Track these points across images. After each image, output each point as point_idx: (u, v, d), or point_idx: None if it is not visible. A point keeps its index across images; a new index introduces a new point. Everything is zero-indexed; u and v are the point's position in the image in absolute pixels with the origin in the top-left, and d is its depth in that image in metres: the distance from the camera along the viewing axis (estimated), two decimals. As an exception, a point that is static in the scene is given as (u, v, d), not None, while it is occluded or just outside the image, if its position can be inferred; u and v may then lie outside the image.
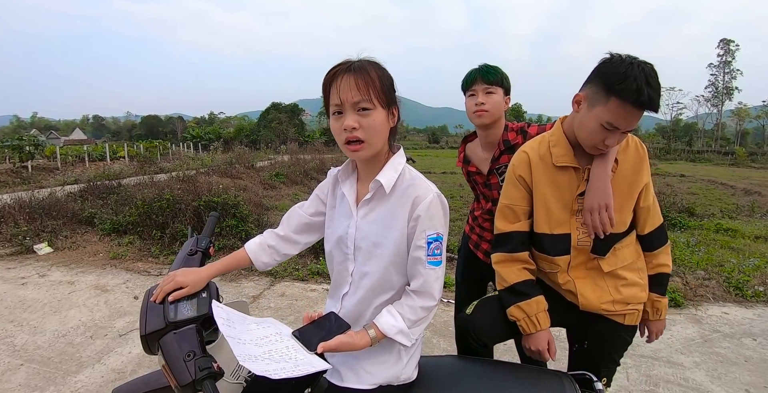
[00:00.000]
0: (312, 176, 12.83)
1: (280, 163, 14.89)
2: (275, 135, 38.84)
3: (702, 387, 2.41)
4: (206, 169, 11.79)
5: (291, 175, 12.15)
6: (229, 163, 12.53)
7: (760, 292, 3.74)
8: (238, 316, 1.06)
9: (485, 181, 1.73)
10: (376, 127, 0.99)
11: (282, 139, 32.78)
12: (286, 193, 10.10)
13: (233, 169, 11.56)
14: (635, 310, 1.32)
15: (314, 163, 14.63)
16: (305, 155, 16.43)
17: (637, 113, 1.12)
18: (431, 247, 1.02)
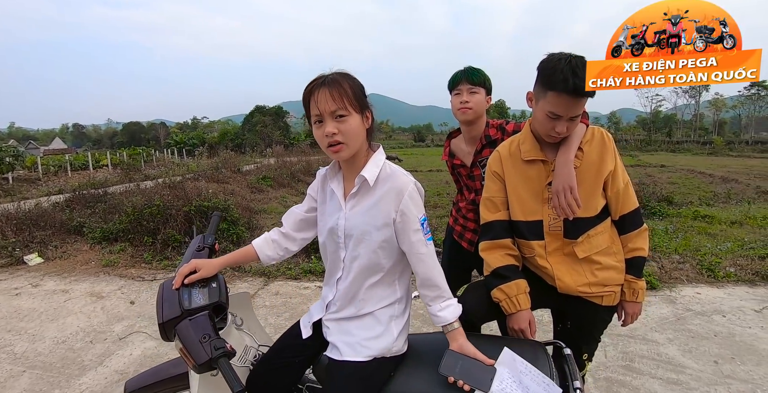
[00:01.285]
0: (299, 178, 12.89)
1: (267, 166, 14.91)
2: (260, 138, 38.67)
3: (674, 360, 2.59)
4: (193, 174, 11.77)
5: (278, 178, 12.19)
6: (215, 168, 12.52)
7: (731, 273, 3.97)
8: None
9: (469, 173, 1.89)
10: (352, 130, 1.14)
11: (267, 143, 32.67)
12: (274, 196, 10.14)
13: (220, 174, 11.56)
14: (612, 292, 1.44)
15: (301, 165, 14.69)
16: (291, 158, 16.48)
17: (571, 101, 1.29)
18: (424, 226, 1.20)
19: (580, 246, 1.42)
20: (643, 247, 1.46)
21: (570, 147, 1.40)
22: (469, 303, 1.46)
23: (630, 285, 1.46)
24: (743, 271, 3.98)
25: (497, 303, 1.45)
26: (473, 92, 1.79)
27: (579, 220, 1.40)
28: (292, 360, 1.32)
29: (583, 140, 1.42)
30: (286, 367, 1.33)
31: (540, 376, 1.16)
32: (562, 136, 1.38)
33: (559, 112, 1.32)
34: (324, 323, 1.33)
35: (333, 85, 1.13)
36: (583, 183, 1.40)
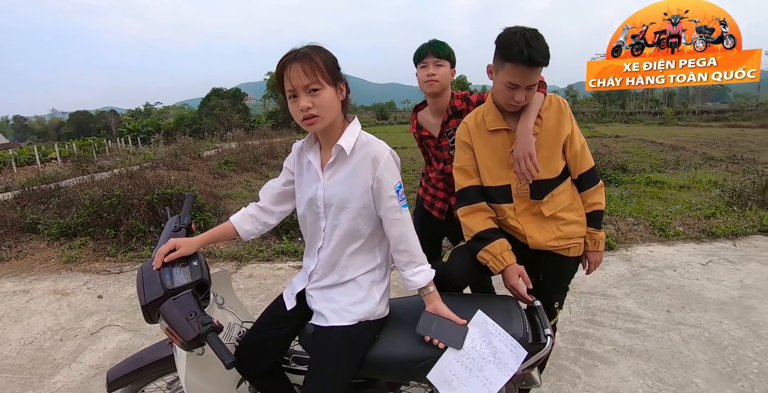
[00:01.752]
0: (262, 162, 12.57)
1: (228, 150, 14.45)
2: (219, 122, 37.30)
3: (631, 312, 2.82)
4: (151, 163, 11.29)
5: (241, 162, 11.84)
6: (174, 155, 12.04)
7: (680, 231, 4.27)
8: None
9: (437, 143, 1.95)
10: (326, 103, 1.16)
11: (227, 127, 31.58)
12: (238, 181, 9.91)
13: (179, 161, 11.13)
14: (577, 243, 1.58)
15: (263, 148, 14.31)
16: (253, 141, 16.00)
17: (527, 70, 1.37)
18: (399, 193, 1.24)
19: (546, 205, 1.53)
20: (600, 201, 1.58)
21: (529, 116, 1.49)
22: (455, 267, 1.55)
23: (591, 236, 1.60)
24: (691, 230, 4.30)
25: (482, 265, 1.54)
26: (439, 65, 1.83)
27: (543, 181, 1.51)
28: (278, 331, 1.36)
29: (542, 108, 1.51)
30: (273, 339, 1.36)
31: (508, 338, 1.24)
32: (521, 105, 1.46)
33: (516, 82, 1.40)
34: (307, 292, 1.36)
35: (305, 60, 1.13)
36: (544, 147, 1.50)
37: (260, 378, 1.40)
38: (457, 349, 1.22)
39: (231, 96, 49.61)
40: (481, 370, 1.20)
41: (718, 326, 2.61)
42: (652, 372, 2.22)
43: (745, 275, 3.30)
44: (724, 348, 2.40)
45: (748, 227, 4.28)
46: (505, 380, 1.18)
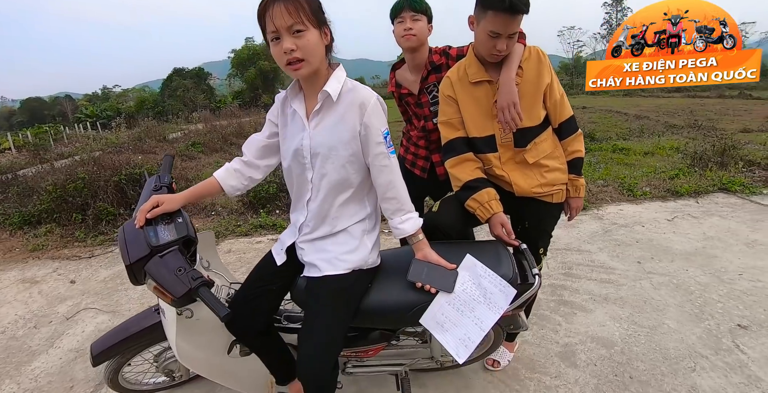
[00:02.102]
0: (232, 142, 12.22)
1: (195, 132, 13.99)
2: (183, 104, 35.84)
3: (605, 264, 2.95)
4: (113, 147, 10.82)
5: (209, 143, 11.50)
6: (138, 139, 11.57)
7: (647, 191, 4.45)
8: None
9: (417, 100, 1.92)
10: (311, 46, 1.10)
11: (191, 108, 30.40)
12: (207, 163, 9.62)
13: (144, 145, 10.72)
14: (559, 190, 1.63)
15: (232, 128, 13.91)
16: (221, 121, 15.52)
17: (508, 18, 1.37)
18: (387, 140, 1.22)
19: (529, 153, 1.57)
20: (580, 149, 1.63)
21: (511, 66, 1.50)
22: (444, 216, 1.58)
23: (573, 183, 1.65)
24: (656, 190, 4.49)
25: (470, 213, 1.56)
26: (416, 19, 1.79)
27: (526, 129, 1.53)
28: (269, 288, 1.34)
29: (522, 59, 1.52)
30: (265, 296, 1.35)
31: (497, 279, 1.28)
32: (503, 55, 1.47)
33: (498, 30, 1.40)
34: (298, 245, 1.34)
35: (288, 0, 1.07)
36: (525, 96, 1.52)
37: (254, 338, 1.39)
38: (448, 293, 1.24)
39: (194, 76, 47.51)
40: (472, 311, 1.23)
41: (685, 274, 2.77)
42: (627, 316, 2.35)
43: (707, 228, 3.49)
44: (691, 292, 2.55)
45: (709, 186, 4.50)
46: (495, 318, 1.21)
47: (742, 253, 3.01)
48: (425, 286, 1.24)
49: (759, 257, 2.93)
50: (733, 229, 3.45)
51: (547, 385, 1.91)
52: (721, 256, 2.99)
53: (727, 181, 4.55)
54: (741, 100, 22.99)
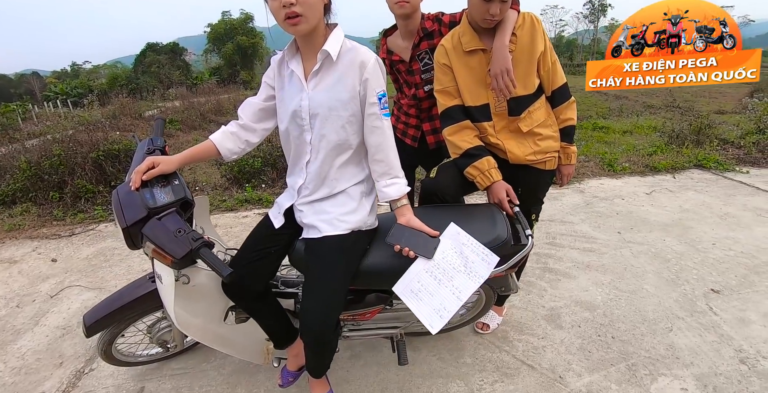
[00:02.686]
0: (210, 119, 11.92)
1: (172, 109, 13.59)
2: (158, 81, 34.53)
3: (587, 234, 3.05)
4: (87, 126, 10.43)
5: (187, 120, 11.20)
6: (113, 117, 11.18)
7: (626, 166, 4.57)
8: None
9: (408, 68, 1.90)
10: (311, 1, 1.08)
11: (167, 85, 29.36)
12: (186, 140, 9.40)
13: (119, 122, 10.37)
14: (552, 157, 1.65)
15: (210, 105, 13.55)
16: (198, 98, 15.08)
17: None
18: (381, 101, 1.20)
19: (523, 121, 1.58)
20: (572, 117, 1.65)
21: (504, 33, 1.49)
22: (443, 182, 1.60)
23: (564, 150, 1.68)
24: (635, 165, 4.61)
25: (468, 180, 1.58)
26: None
27: (520, 98, 1.54)
28: (267, 251, 1.34)
29: (516, 26, 1.51)
30: (263, 260, 1.35)
31: (480, 247, 1.25)
32: (496, 19, 1.45)
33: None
34: (297, 208, 1.34)
35: None
36: (520, 64, 1.52)
37: (252, 302, 1.40)
38: (427, 260, 1.22)
39: (169, 51, 45.57)
40: (451, 280, 1.20)
41: (663, 243, 2.88)
42: (609, 282, 2.45)
43: (683, 202, 3.62)
44: (668, 260, 2.67)
45: (686, 162, 4.65)
46: (474, 287, 1.19)
47: (715, 224, 3.15)
48: (404, 250, 1.22)
49: (731, 228, 3.07)
50: (708, 202, 3.59)
51: (535, 345, 1.99)
52: (696, 227, 3.12)
53: (702, 158, 4.70)
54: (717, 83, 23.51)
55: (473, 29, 1.55)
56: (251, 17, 48.02)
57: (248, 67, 46.42)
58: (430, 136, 1.97)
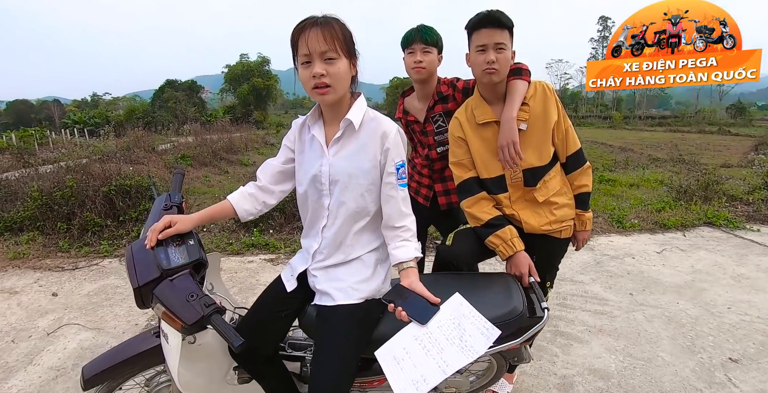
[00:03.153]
0: (221, 156, 12.13)
1: (185, 144, 13.83)
2: (174, 115, 35.63)
3: (599, 295, 2.98)
4: (100, 156, 10.64)
5: (198, 156, 11.36)
6: (126, 149, 11.40)
7: (635, 223, 4.55)
8: None
9: (422, 128, 1.95)
10: (340, 74, 1.12)
11: (182, 120, 30.23)
12: (196, 176, 9.52)
13: (133, 155, 10.55)
14: (568, 226, 1.63)
15: (222, 143, 13.82)
16: (211, 135, 15.43)
17: (489, 31, 1.43)
18: (399, 172, 1.22)
19: (539, 191, 1.57)
20: (587, 183, 1.64)
21: (513, 105, 1.51)
22: (459, 250, 1.57)
23: (579, 218, 1.66)
24: (645, 222, 4.60)
25: (487, 249, 1.56)
26: (426, 52, 1.82)
27: (535, 169, 1.54)
28: (278, 315, 1.31)
29: (527, 96, 1.53)
30: (273, 323, 1.31)
31: (482, 320, 1.17)
32: (496, 68, 1.46)
33: (483, 42, 1.44)
34: (311, 272, 1.32)
35: (326, 26, 1.10)
36: (534, 134, 1.53)
37: (259, 365, 1.35)
38: (420, 326, 1.14)
39: (187, 88, 47.40)
40: (441, 352, 1.11)
41: (676, 306, 2.81)
42: (622, 348, 2.36)
43: (695, 262, 3.57)
44: (682, 325, 2.59)
45: (695, 220, 4.63)
46: (465, 363, 1.10)
47: (729, 286, 3.08)
48: (397, 310, 1.15)
49: (745, 291, 3.00)
50: (720, 262, 3.53)
51: (546, 417, 1.90)
52: (709, 289, 3.05)
53: (711, 215, 4.69)
54: (720, 136, 23.90)
55: (485, 101, 1.58)
56: (268, 61, 50.30)
57: (261, 107, 47.99)
58: (442, 197, 1.98)
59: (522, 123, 1.52)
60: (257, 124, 38.21)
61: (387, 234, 1.27)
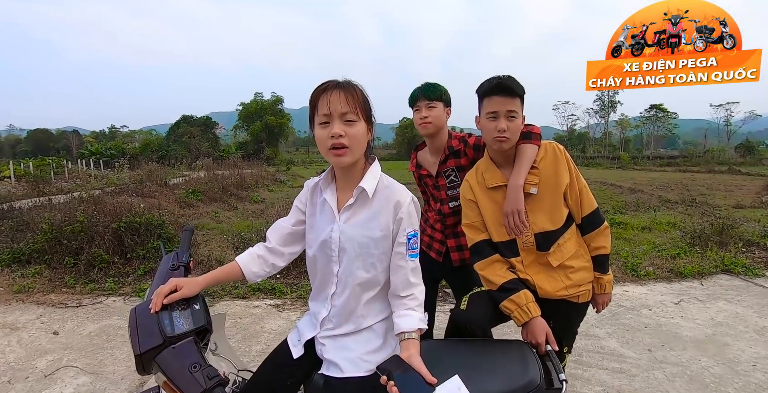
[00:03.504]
0: (232, 192, 12.25)
1: (196, 179, 14.06)
2: (187, 150, 36.51)
3: (616, 351, 2.84)
4: (113, 188, 10.83)
5: (209, 192, 11.49)
6: (139, 182, 11.60)
7: (650, 271, 4.42)
8: None
9: (434, 183, 1.95)
10: (358, 136, 1.13)
11: (195, 155, 30.92)
12: (205, 212, 9.58)
13: (145, 188, 10.72)
14: (586, 290, 1.56)
15: (233, 179, 14.02)
16: (223, 171, 15.68)
17: (501, 99, 1.43)
18: (411, 242, 1.18)
19: (553, 256, 1.52)
20: (604, 245, 1.57)
21: (520, 172, 1.50)
22: (476, 315, 1.51)
23: (598, 281, 1.58)
24: (660, 270, 4.47)
25: (501, 313, 1.51)
26: (431, 107, 1.85)
27: (547, 232, 1.50)
28: (283, 382, 1.24)
29: (537, 159, 1.52)
30: (277, 391, 1.25)
31: None
32: (507, 137, 1.46)
33: (494, 109, 1.45)
34: (318, 341, 1.27)
35: (348, 89, 1.12)
36: (545, 198, 1.51)
37: None
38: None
39: (202, 124, 48.91)
40: None
41: (698, 364, 2.66)
42: (644, 413, 2.22)
43: (715, 313, 3.42)
44: (706, 385, 2.44)
45: (712, 267, 4.50)
46: None
47: (753, 341, 2.94)
48: (388, 384, 1.06)
49: (771, 347, 2.85)
50: (741, 314, 3.39)
51: None
52: (732, 344, 2.90)
53: (729, 262, 4.56)
54: (730, 176, 23.77)
55: (495, 164, 1.58)
56: (281, 100, 52.13)
57: (273, 144, 49.17)
58: (455, 252, 1.94)
59: (532, 187, 1.50)
60: (268, 160, 38.95)
61: (393, 302, 1.23)
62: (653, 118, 66.73)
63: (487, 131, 1.50)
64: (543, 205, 1.50)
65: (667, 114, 65.88)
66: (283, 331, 3.20)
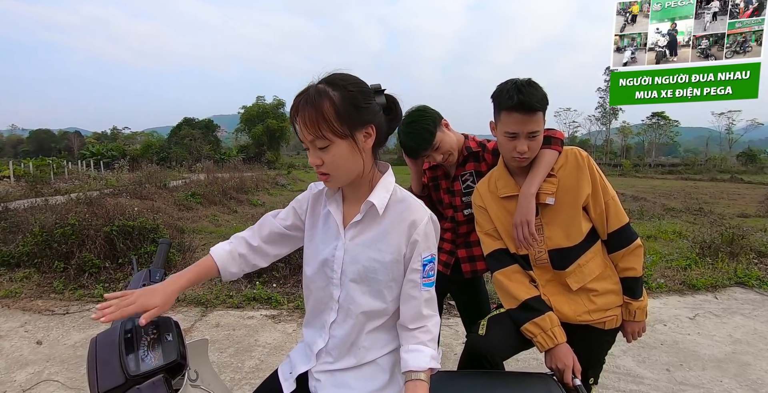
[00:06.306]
0: (231, 196, 12.13)
1: (196, 182, 13.92)
2: (188, 152, 36.45)
3: (632, 371, 2.66)
4: (112, 189, 10.69)
5: (208, 195, 11.34)
6: (138, 183, 11.46)
7: (662, 283, 4.25)
8: None
9: (449, 186, 1.77)
10: (337, 161, 0.94)
11: (196, 157, 30.83)
12: (204, 215, 9.44)
13: (143, 190, 10.58)
14: (613, 316, 1.37)
15: (233, 182, 13.88)
16: (223, 174, 15.53)
17: (522, 117, 1.27)
18: (426, 269, 1.01)
19: (572, 277, 1.35)
20: (634, 266, 1.38)
21: (534, 179, 1.35)
22: (495, 342, 1.34)
23: (627, 306, 1.39)
24: (672, 282, 4.30)
25: (525, 338, 1.34)
26: (434, 151, 1.65)
27: (564, 250, 1.34)
28: None
29: (556, 166, 1.37)
30: None
31: None
32: (526, 157, 1.33)
33: (513, 130, 1.29)
34: (313, 376, 1.09)
35: (309, 109, 0.90)
36: (562, 211, 1.35)
37: None
38: None
39: (203, 126, 49.01)
40: None
41: (720, 385, 2.49)
42: (668, 443, 2.05)
43: (732, 329, 3.26)
44: (732, 412, 2.27)
45: (725, 280, 4.33)
46: None
47: (775, 361, 2.77)
48: None
49: (794, 367, 2.68)
50: (760, 330, 3.23)
51: None
52: (753, 363, 2.73)
53: (742, 274, 4.41)
54: (733, 184, 23.64)
55: (509, 172, 1.43)
56: (283, 103, 52.19)
57: (274, 147, 49.17)
58: (466, 263, 1.77)
59: (548, 197, 1.34)
60: (269, 164, 38.87)
61: (401, 333, 1.04)
62: (655, 126, 66.80)
63: (505, 149, 1.35)
64: (559, 219, 1.34)
65: (669, 122, 65.93)
66: (279, 344, 3.03)
